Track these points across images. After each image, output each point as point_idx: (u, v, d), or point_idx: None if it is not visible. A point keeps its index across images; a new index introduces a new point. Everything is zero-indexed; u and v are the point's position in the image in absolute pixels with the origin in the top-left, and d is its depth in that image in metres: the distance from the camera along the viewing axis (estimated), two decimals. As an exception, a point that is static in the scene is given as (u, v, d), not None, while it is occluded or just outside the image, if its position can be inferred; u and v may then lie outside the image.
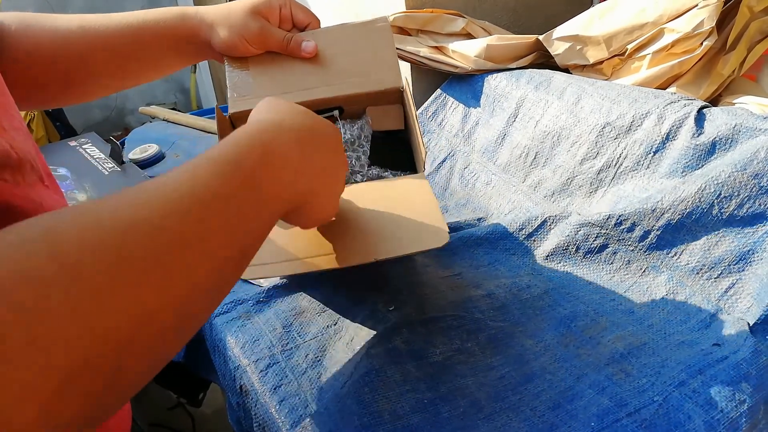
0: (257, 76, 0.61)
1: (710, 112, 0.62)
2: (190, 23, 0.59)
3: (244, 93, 0.60)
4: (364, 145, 0.64)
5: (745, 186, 0.55)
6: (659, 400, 0.47)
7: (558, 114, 0.76)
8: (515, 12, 1.11)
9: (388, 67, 0.60)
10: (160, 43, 0.59)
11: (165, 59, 0.61)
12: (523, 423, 0.46)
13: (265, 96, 0.60)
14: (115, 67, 0.59)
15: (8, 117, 0.37)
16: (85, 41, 0.56)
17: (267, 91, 0.60)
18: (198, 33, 0.60)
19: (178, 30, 0.59)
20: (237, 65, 0.61)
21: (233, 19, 0.59)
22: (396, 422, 0.46)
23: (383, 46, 0.61)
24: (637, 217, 0.61)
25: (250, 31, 0.59)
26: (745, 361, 0.49)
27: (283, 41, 0.61)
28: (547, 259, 0.67)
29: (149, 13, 0.59)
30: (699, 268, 0.57)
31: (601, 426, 0.45)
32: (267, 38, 0.60)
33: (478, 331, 0.56)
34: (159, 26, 0.58)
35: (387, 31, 0.62)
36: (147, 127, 1.51)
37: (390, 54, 0.61)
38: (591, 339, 0.55)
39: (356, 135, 0.64)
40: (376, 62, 0.60)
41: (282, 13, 0.61)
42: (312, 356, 0.57)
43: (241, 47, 0.60)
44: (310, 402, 0.51)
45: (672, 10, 0.72)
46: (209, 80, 2.47)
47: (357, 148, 0.64)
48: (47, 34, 0.54)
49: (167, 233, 0.27)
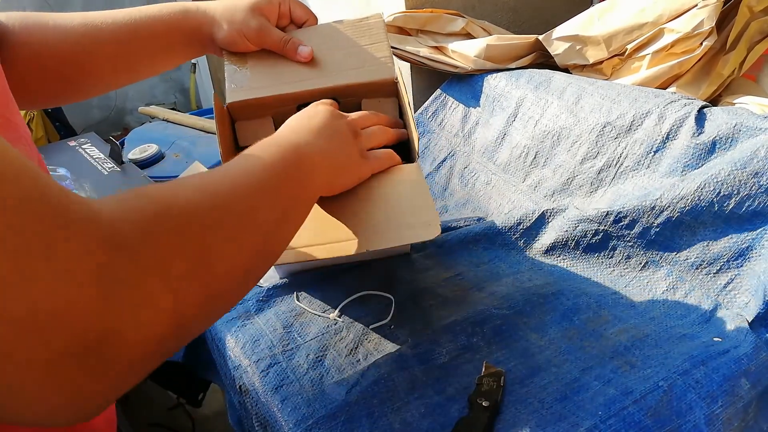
0: (255, 69, 0.62)
1: (710, 111, 0.63)
2: (194, 18, 0.60)
3: (242, 84, 0.61)
4: None
5: (745, 184, 0.55)
6: (664, 386, 0.47)
7: (558, 114, 0.76)
8: (515, 12, 1.11)
9: (382, 59, 0.62)
10: (164, 37, 0.59)
11: (169, 53, 0.61)
12: (531, 415, 0.47)
13: (261, 87, 0.60)
14: (120, 62, 0.59)
15: (13, 127, 0.38)
16: (90, 37, 0.56)
17: (263, 83, 0.61)
18: (200, 28, 0.60)
19: (182, 24, 0.60)
20: (235, 59, 0.63)
21: (234, 15, 0.59)
22: (405, 428, 0.47)
23: (377, 40, 0.63)
24: (636, 213, 0.61)
25: (250, 28, 0.59)
26: (746, 356, 0.49)
27: (281, 42, 0.61)
28: (546, 253, 0.67)
29: (151, 8, 0.59)
30: (698, 264, 0.58)
31: (608, 414, 0.46)
32: (265, 37, 0.61)
33: (483, 323, 0.57)
34: (163, 21, 0.59)
35: (380, 26, 0.64)
36: (146, 127, 1.51)
37: (384, 48, 0.63)
38: (594, 332, 0.55)
39: None
40: (370, 56, 0.62)
41: (281, 10, 0.62)
42: (313, 356, 0.57)
43: (241, 44, 0.61)
44: (313, 402, 0.51)
45: (671, 10, 0.72)
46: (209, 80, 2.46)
47: None
48: (51, 32, 0.54)
49: (255, 197, 0.38)
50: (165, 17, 0.59)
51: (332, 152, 0.49)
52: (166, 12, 0.59)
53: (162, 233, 0.29)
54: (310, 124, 0.50)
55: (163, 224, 0.30)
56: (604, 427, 0.45)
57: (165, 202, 0.31)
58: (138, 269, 0.27)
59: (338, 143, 0.50)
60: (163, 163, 1.28)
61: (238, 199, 0.36)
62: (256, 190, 0.38)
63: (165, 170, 1.23)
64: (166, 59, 0.62)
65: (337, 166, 0.50)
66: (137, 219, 0.29)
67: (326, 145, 0.49)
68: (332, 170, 0.50)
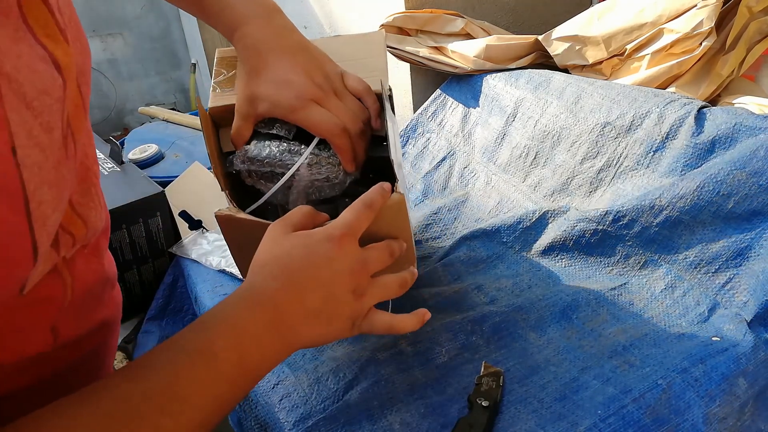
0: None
1: (710, 111, 0.63)
2: (239, 33, 0.54)
3: (226, 89, 0.59)
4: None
5: (744, 184, 0.55)
6: (663, 384, 0.47)
7: (557, 114, 0.76)
8: (515, 12, 1.11)
9: (375, 74, 0.59)
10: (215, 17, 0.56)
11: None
12: (531, 414, 0.47)
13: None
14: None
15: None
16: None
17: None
18: (231, 37, 0.56)
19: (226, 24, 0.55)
20: (225, 64, 0.60)
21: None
22: (405, 429, 0.47)
23: (375, 54, 0.61)
24: (635, 213, 0.61)
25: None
26: (745, 356, 0.49)
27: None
28: (545, 253, 0.67)
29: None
30: (697, 263, 0.58)
31: (607, 413, 0.46)
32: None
33: (482, 321, 0.57)
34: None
35: (381, 41, 0.62)
36: (146, 128, 1.52)
37: (381, 62, 0.61)
38: (593, 331, 0.55)
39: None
40: (366, 69, 0.59)
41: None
42: (310, 355, 0.57)
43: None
44: (310, 398, 0.52)
45: (671, 11, 0.73)
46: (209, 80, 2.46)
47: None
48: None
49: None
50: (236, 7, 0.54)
51: (316, 334, 0.41)
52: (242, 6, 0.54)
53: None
54: (305, 300, 0.40)
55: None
56: (603, 426, 0.45)
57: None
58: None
59: (329, 318, 0.41)
60: (163, 163, 1.28)
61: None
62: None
63: (165, 170, 1.23)
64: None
65: (313, 343, 0.43)
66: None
67: (315, 330, 0.41)
68: (303, 346, 0.42)
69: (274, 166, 0.52)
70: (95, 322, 0.44)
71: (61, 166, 0.31)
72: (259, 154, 0.52)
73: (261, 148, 0.53)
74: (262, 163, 0.52)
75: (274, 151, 0.52)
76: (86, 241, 0.39)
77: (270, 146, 0.53)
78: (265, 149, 0.52)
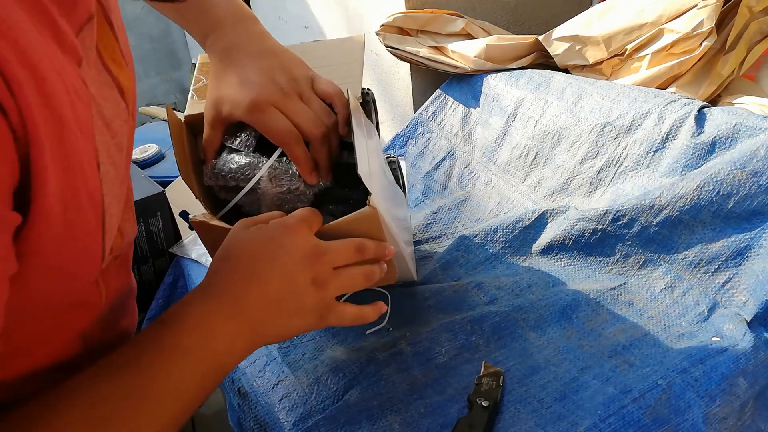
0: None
1: (710, 111, 0.63)
2: (215, 33, 0.54)
3: (204, 97, 0.56)
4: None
5: (744, 184, 0.55)
6: (663, 384, 0.47)
7: (558, 114, 0.76)
8: (515, 12, 1.11)
9: (349, 80, 0.59)
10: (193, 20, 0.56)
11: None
12: (531, 414, 0.47)
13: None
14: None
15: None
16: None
17: None
18: (206, 39, 0.55)
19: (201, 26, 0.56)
20: (205, 71, 0.59)
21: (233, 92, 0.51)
22: (406, 429, 0.47)
23: (352, 60, 0.61)
24: (634, 213, 0.61)
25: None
26: (745, 355, 0.49)
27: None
28: (545, 252, 0.67)
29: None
30: (697, 263, 0.58)
31: (607, 413, 0.46)
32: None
33: (482, 321, 0.57)
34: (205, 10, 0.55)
35: (359, 48, 0.62)
36: (147, 128, 1.52)
37: (356, 68, 0.60)
38: (592, 331, 0.55)
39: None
40: (340, 75, 0.59)
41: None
42: (309, 354, 0.57)
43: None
44: (310, 398, 0.52)
45: (671, 11, 0.73)
46: (209, 81, 2.46)
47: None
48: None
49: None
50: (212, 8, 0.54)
51: (281, 325, 0.42)
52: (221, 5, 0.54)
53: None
54: (266, 290, 0.41)
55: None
56: (603, 426, 0.45)
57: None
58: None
59: (291, 308, 0.42)
60: (163, 163, 1.28)
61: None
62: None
63: (165, 170, 1.23)
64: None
65: (280, 336, 0.44)
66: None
67: (279, 321, 0.42)
68: (271, 339, 0.43)
69: (238, 181, 0.52)
70: (119, 330, 0.45)
71: (123, 183, 0.34)
72: (223, 168, 0.52)
73: (225, 163, 0.52)
74: (226, 179, 0.52)
75: (237, 166, 0.52)
76: (120, 251, 0.40)
77: (234, 160, 0.52)
78: (229, 164, 0.52)
